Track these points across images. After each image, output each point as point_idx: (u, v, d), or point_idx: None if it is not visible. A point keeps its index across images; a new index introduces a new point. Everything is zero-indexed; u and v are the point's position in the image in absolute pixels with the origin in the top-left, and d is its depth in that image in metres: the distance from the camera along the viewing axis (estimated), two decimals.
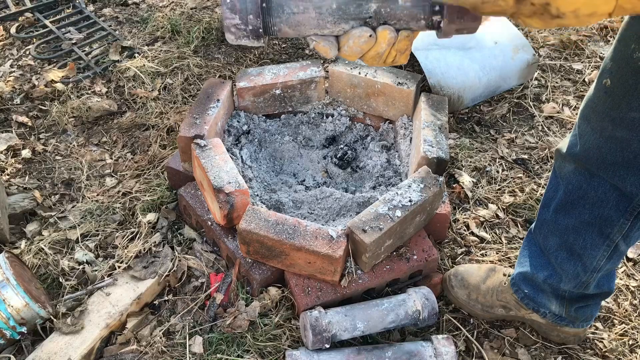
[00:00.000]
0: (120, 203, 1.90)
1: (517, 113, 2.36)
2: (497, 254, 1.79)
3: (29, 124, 2.26)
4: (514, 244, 1.83)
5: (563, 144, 1.25)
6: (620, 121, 1.06)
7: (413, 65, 2.45)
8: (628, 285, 1.72)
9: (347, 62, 2.03)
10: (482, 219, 1.89)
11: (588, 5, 0.63)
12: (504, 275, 1.58)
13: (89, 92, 2.42)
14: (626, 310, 1.65)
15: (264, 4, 0.79)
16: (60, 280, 1.64)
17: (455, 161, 2.09)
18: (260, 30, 0.81)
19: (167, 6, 3.01)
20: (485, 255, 1.79)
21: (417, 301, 1.49)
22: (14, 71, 2.55)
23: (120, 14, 2.98)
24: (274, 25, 0.81)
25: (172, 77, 2.48)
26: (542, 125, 2.29)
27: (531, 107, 2.37)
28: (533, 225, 1.44)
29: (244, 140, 1.98)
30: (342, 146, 2.03)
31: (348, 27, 0.81)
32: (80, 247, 1.74)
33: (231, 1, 0.79)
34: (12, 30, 2.78)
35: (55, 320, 1.49)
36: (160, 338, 1.51)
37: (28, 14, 2.88)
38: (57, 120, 2.26)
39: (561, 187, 1.27)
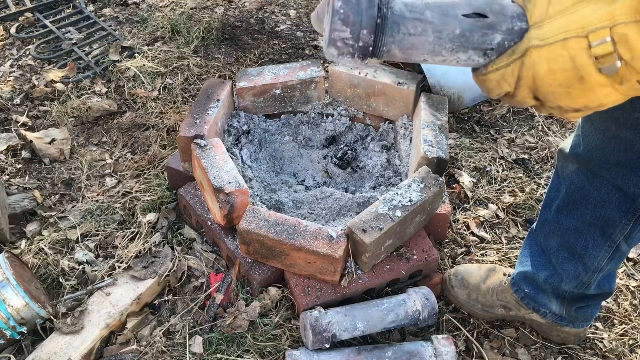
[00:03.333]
0: (120, 203, 1.90)
1: (517, 113, 2.36)
2: (497, 254, 1.79)
3: (29, 123, 2.26)
4: (514, 244, 1.83)
5: (566, 143, 1.25)
6: (624, 121, 1.05)
7: (413, 65, 2.45)
8: (628, 285, 1.72)
9: None
10: (482, 219, 1.89)
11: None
12: (504, 275, 1.58)
13: (89, 92, 2.42)
14: (626, 310, 1.65)
15: (378, 20, 0.72)
16: (60, 280, 1.64)
17: (455, 161, 2.09)
18: (371, 48, 0.73)
19: (167, 6, 3.01)
20: (485, 255, 1.79)
21: (417, 301, 1.49)
22: (14, 71, 2.55)
23: (120, 14, 2.98)
24: (384, 45, 0.74)
25: (172, 77, 2.48)
26: (542, 125, 2.29)
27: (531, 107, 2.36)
28: (534, 224, 1.44)
29: (244, 140, 1.98)
30: (342, 146, 2.03)
31: (465, 57, 0.74)
32: (80, 247, 1.74)
33: (345, 12, 0.71)
34: (12, 30, 2.78)
35: (55, 320, 1.49)
36: (160, 338, 1.51)
37: (28, 14, 2.88)
38: (57, 120, 2.26)
39: (563, 187, 1.27)
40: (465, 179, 2.00)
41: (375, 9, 0.72)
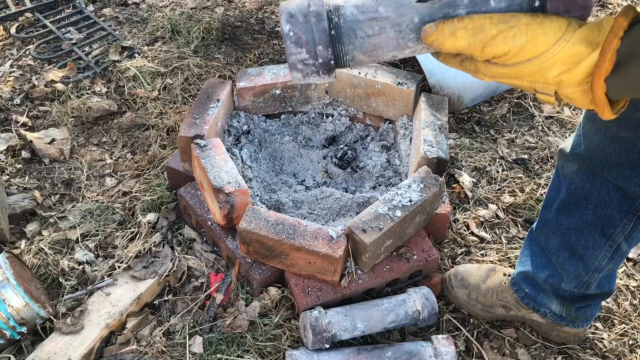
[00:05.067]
0: (120, 203, 1.90)
1: (517, 113, 2.36)
2: (497, 254, 1.79)
3: (29, 123, 2.26)
4: (514, 244, 1.83)
5: (566, 143, 1.25)
6: (625, 121, 1.05)
7: (413, 65, 2.45)
8: (628, 285, 1.72)
9: None
10: (482, 219, 1.89)
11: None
12: (504, 275, 1.58)
13: (89, 92, 2.42)
14: (626, 310, 1.65)
15: (332, 32, 0.70)
16: (60, 280, 1.64)
17: (455, 161, 2.09)
18: (332, 62, 0.71)
19: (167, 6, 3.01)
20: (485, 255, 1.79)
21: (417, 301, 1.49)
22: (14, 71, 2.55)
23: (120, 14, 2.98)
24: (346, 53, 0.71)
25: (172, 77, 2.48)
26: (542, 125, 2.29)
27: (531, 107, 2.37)
28: (534, 224, 1.44)
29: (244, 140, 1.98)
30: (342, 146, 2.03)
31: None
32: (80, 247, 1.74)
33: (295, 33, 0.69)
34: (12, 30, 2.78)
35: (55, 320, 1.49)
36: (160, 338, 1.51)
37: (28, 14, 2.88)
38: (57, 120, 2.26)
39: (564, 187, 1.27)
40: (465, 179, 2.00)
41: (325, 21, 0.70)
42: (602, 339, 1.58)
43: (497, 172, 2.06)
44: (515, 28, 0.66)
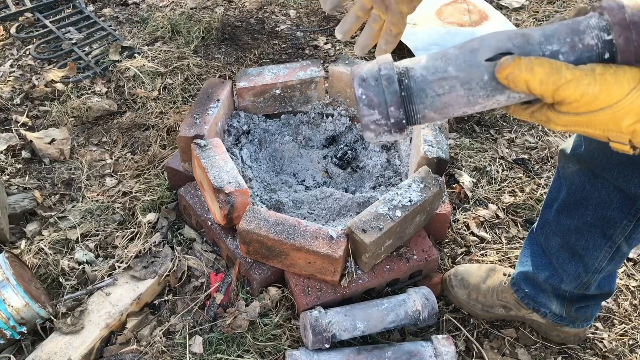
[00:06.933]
0: (120, 203, 1.90)
1: None
2: (497, 254, 1.79)
3: (29, 123, 2.26)
4: (514, 244, 1.83)
5: (567, 144, 1.25)
6: None
7: None
8: (628, 285, 1.72)
9: (347, 61, 2.03)
10: (482, 219, 1.89)
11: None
12: (504, 275, 1.58)
13: (89, 92, 2.42)
14: (626, 310, 1.65)
15: (403, 93, 0.72)
16: (60, 280, 1.64)
17: (455, 161, 2.09)
18: (404, 121, 0.73)
19: (167, 6, 3.01)
20: (485, 255, 1.79)
21: (417, 301, 1.49)
22: (14, 71, 2.55)
23: (120, 14, 2.98)
24: (417, 112, 0.73)
25: (172, 77, 2.48)
26: (542, 125, 2.29)
27: None
28: (535, 225, 1.44)
29: (244, 140, 1.98)
30: (342, 146, 2.03)
31: (504, 98, 0.71)
32: (80, 247, 1.74)
33: (367, 96, 0.72)
34: (12, 30, 2.78)
35: (55, 320, 1.49)
36: (160, 338, 1.51)
37: (28, 14, 2.88)
38: (57, 120, 2.26)
39: (564, 187, 1.27)
40: (465, 179, 2.00)
41: (395, 84, 0.72)
42: (602, 339, 1.59)
43: (497, 172, 2.06)
44: (589, 76, 0.66)
